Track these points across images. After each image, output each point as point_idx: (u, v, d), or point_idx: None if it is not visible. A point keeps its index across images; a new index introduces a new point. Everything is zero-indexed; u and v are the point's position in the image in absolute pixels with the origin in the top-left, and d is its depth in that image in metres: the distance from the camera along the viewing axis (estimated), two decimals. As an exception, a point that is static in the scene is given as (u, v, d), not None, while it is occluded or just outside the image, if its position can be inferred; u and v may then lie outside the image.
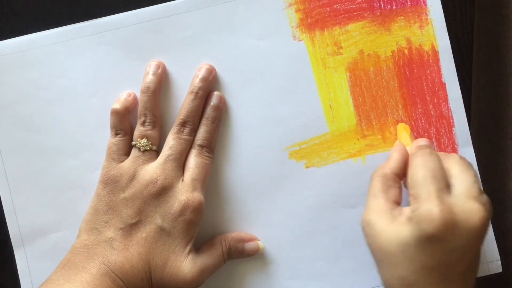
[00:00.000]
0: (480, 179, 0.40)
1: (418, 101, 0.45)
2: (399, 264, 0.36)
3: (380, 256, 0.38)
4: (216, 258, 0.43)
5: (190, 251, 0.42)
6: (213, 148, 0.44)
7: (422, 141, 0.41)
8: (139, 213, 0.41)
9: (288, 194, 0.45)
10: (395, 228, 0.37)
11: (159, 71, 0.44)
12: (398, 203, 0.40)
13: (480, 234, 0.36)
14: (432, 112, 0.45)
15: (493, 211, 0.38)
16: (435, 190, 0.36)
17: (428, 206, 0.36)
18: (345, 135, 0.45)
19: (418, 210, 0.36)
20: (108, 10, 0.44)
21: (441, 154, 0.41)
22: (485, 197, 0.38)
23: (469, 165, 0.40)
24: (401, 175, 0.41)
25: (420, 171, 0.38)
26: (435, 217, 0.35)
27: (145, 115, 0.43)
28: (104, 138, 0.44)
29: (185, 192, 0.42)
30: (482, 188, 0.39)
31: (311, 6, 0.44)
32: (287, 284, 0.46)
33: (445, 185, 0.37)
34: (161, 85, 0.44)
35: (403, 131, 0.44)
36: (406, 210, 0.38)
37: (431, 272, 0.36)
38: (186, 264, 0.41)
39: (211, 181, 0.45)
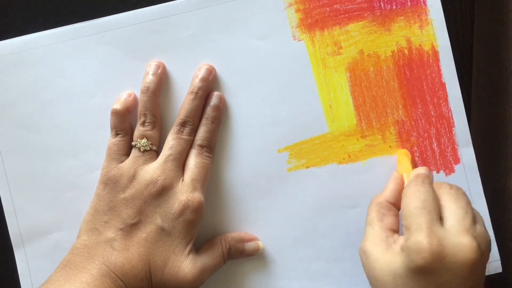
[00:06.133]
0: (472, 208, 0.37)
1: (418, 101, 0.45)
2: None
3: (375, 284, 0.38)
4: (216, 258, 0.43)
5: (190, 251, 0.42)
6: (213, 148, 0.44)
7: (421, 170, 0.41)
8: (139, 213, 0.41)
9: (288, 194, 0.45)
10: (388, 257, 0.37)
11: (159, 71, 0.44)
12: (394, 230, 0.39)
13: (471, 270, 0.35)
14: (432, 112, 0.45)
15: (489, 243, 0.37)
16: (426, 221, 0.36)
17: (417, 238, 0.35)
18: (345, 135, 0.45)
19: (408, 241, 0.36)
20: (108, 10, 0.44)
21: (434, 183, 0.40)
22: (478, 228, 0.36)
23: (460, 194, 0.38)
24: (397, 203, 0.41)
25: (412, 201, 0.37)
26: (424, 248, 0.35)
27: (145, 115, 0.43)
28: (104, 138, 0.44)
29: (185, 192, 0.42)
30: (475, 217, 0.37)
31: (311, 6, 0.44)
32: (287, 284, 0.46)
33: (436, 216, 0.36)
34: (161, 85, 0.44)
35: (404, 158, 0.44)
36: (400, 239, 0.38)
37: None
38: (186, 264, 0.41)
39: (211, 181, 0.45)
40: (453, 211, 0.37)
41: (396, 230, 0.40)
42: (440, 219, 0.37)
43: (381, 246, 0.38)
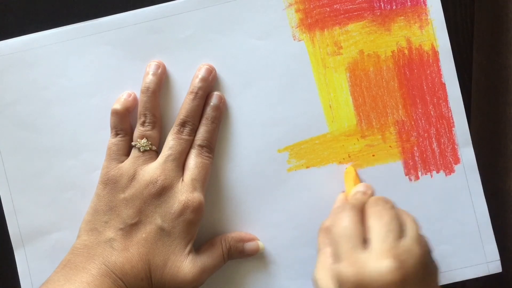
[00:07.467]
0: (397, 222, 0.36)
1: (418, 101, 0.45)
2: None
3: None
4: (216, 258, 0.43)
5: (190, 251, 0.42)
6: (213, 148, 0.44)
7: (357, 188, 0.41)
8: (139, 213, 0.41)
9: (288, 194, 0.45)
10: (329, 286, 0.37)
11: (159, 71, 0.44)
12: None
13: None
14: (432, 112, 0.45)
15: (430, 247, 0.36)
16: (347, 250, 0.35)
17: (339, 268, 0.35)
18: (345, 135, 0.45)
19: (335, 270, 0.36)
20: (108, 10, 0.44)
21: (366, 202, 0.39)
22: (404, 244, 0.35)
23: (386, 209, 0.37)
24: None
25: (336, 229, 0.37)
26: (346, 279, 0.34)
27: (145, 115, 0.43)
28: (104, 138, 0.44)
29: (185, 192, 0.42)
30: (403, 230, 0.36)
31: (311, 6, 0.44)
32: (287, 284, 0.46)
33: (359, 241, 0.36)
34: (161, 85, 0.44)
35: (348, 176, 0.44)
36: None
37: None
38: (186, 264, 0.41)
39: (211, 181, 0.45)
40: (377, 231, 0.36)
41: None
42: (365, 242, 0.36)
43: (326, 273, 0.37)
